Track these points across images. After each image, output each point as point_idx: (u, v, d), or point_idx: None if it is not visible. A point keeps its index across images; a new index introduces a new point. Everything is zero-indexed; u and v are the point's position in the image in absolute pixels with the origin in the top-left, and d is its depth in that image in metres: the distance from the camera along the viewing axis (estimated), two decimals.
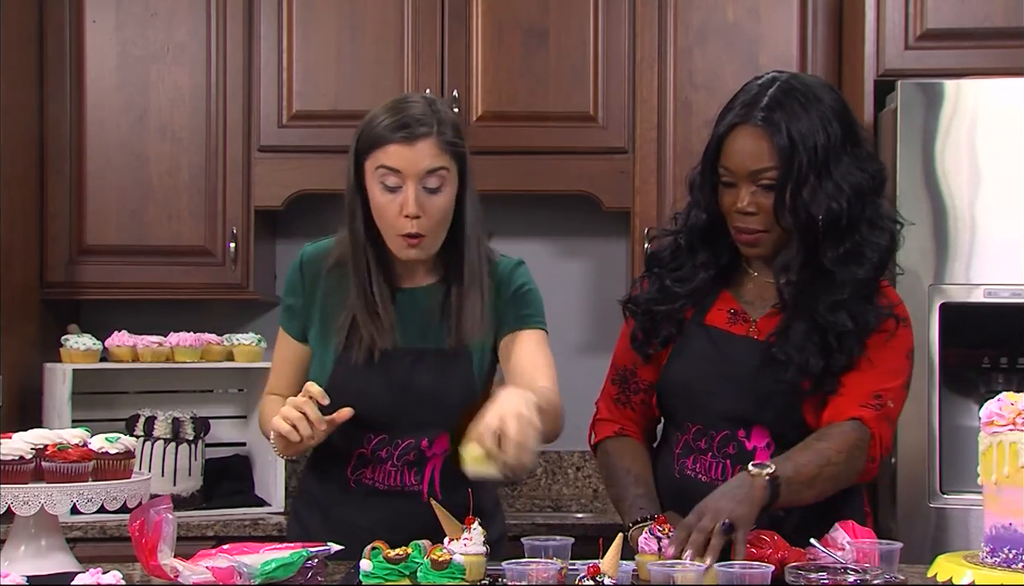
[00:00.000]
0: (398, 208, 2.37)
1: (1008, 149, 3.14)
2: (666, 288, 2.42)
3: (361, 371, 2.43)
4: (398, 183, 2.36)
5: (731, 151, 2.32)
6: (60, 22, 3.73)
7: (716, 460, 2.38)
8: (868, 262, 2.31)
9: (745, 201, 2.31)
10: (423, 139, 2.35)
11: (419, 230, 2.37)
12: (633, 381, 2.50)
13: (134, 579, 2.20)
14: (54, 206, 3.73)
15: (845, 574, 2.00)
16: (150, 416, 3.56)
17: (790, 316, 2.33)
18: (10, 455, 2.19)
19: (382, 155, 2.37)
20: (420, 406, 2.43)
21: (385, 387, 2.43)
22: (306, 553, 2.09)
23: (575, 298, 4.06)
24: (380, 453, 2.45)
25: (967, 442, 2.91)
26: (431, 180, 2.37)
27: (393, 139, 2.35)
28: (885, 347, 2.33)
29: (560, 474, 4.02)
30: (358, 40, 3.72)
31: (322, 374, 2.46)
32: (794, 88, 2.32)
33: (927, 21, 3.37)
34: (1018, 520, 1.93)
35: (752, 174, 2.30)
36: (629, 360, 2.50)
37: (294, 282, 2.53)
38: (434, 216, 2.38)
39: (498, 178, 3.72)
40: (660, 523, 2.13)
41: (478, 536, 2.07)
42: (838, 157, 2.29)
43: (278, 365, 2.58)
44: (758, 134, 2.29)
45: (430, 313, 2.47)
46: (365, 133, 2.40)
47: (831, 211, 2.27)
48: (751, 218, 2.32)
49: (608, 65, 3.71)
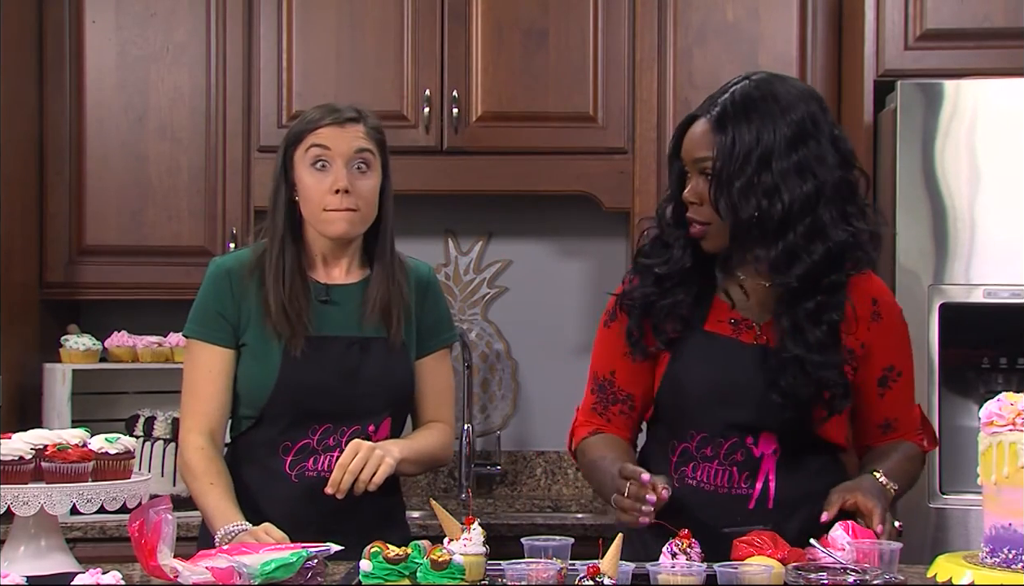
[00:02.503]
0: (328, 186, 2.50)
1: (1008, 149, 3.14)
2: (658, 277, 2.40)
3: (309, 363, 2.50)
4: (328, 161, 2.50)
5: (685, 141, 2.38)
6: (60, 22, 3.73)
7: (723, 467, 2.37)
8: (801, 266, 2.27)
9: (687, 188, 2.35)
10: (352, 123, 2.53)
11: (349, 205, 2.49)
12: (611, 390, 2.48)
13: (134, 579, 2.20)
14: (54, 206, 3.73)
15: (845, 574, 2.00)
16: (150, 416, 3.56)
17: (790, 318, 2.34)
18: (10, 455, 2.19)
19: (312, 137, 2.53)
20: (366, 392, 2.52)
21: (333, 376, 2.51)
22: (306, 553, 2.09)
23: (575, 298, 4.06)
24: (327, 441, 2.51)
25: (967, 442, 2.91)
26: (359, 160, 2.51)
27: (324, 122, 2.52)
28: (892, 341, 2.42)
29: (560, 474, 4.03)
30: (358, 40, 3.72)
31: (268, 369, 2.51)
32: (758, 89, 2.33)
33: (927, 21, 3.37)
34: (1018, 520, 1.93)
35: (695, 161, 2.34)
36: (607, 368, 2.48)
37: (221, 289, 2.57)
38: (363, 194, 2.52)
39: (498, 178, 3.73)
40: (681, 538, 2.10)
41: (478, 536, 2.07)
42: (783, 162, 2.27)
43: (201, 382, 2.55)
44: (706, 126, 2.33)
45: (364, 306, 2.56)
46: (295, 127, 2.57)
47: (761, 210, 2.26)
48: (697, 209, 2.34)
49: (608, 65, 3.71)
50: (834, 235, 2.28)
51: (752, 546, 2.12)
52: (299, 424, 2.51)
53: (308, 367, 2.50)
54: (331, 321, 2.55)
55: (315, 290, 2.56)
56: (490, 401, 4.06)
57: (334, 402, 2.51)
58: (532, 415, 4.06)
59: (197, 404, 2.55)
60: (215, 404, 2.54)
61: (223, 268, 2.58)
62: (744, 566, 2.05)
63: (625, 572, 2.06)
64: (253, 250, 2.60)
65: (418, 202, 3.93)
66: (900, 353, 2.45)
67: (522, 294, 4.07)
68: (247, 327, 2.54)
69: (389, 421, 2.57)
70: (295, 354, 2.50)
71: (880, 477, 2.33)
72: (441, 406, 2.67)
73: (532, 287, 4.07)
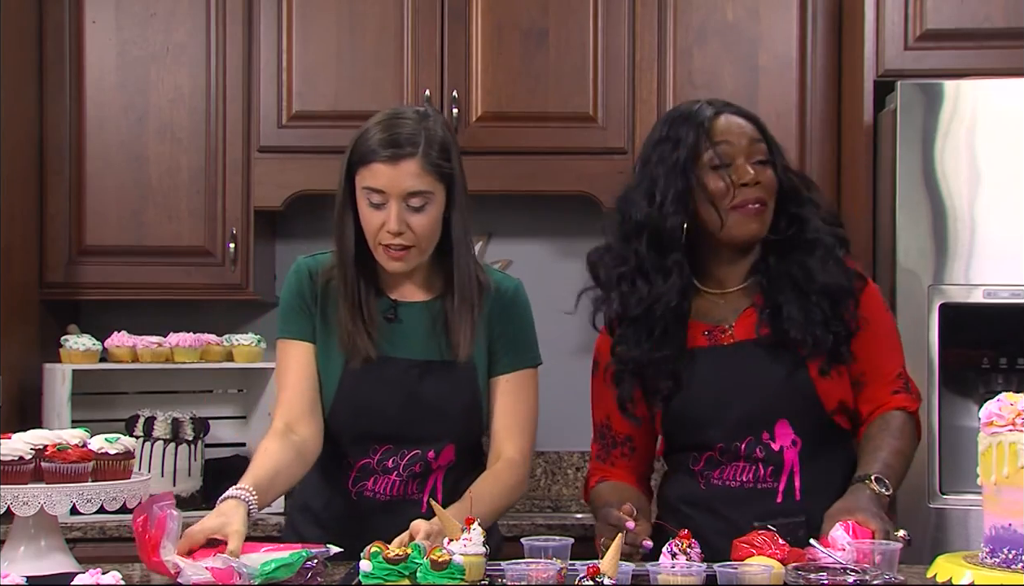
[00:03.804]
0: (381, 223, 2.41)
1: (1008, 149, 3.14)
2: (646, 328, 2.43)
3: (368, 382, 2.45)
4: (382, 201, 2.40)
5: (724, 130, 2.41)
6: (60, 22, 3.73)
7: (748, 465, 2.40)
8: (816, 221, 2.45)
9: (751, 171, 2.38)
10: (407, 160, 2.39)
11: (403, 243, 2.41)
12: (610, 436, 2.55)
13: (134, 579, 2.20)
14: (54, 206, 3.73)
15: (845, 574, 2.00)
16: (150, 416, 3.55)
17: (775, 300, 2.39)
18: (10, 455, 2.19)
19: (368, 174, 2.41)
20: (425, 417, 2.45)
21: (392, 398, 2.45)
22: (306, 553, 2.09)
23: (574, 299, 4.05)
24: (386, 463, 2.47)
25: (967, 443, 2.91)
26: (414, 200, 2.40)
27: (378, 158, 2.39)
28: (874, 307, 2.46)
29: (560, 474, 4.02)
30: (358, 40, 3.72)
31: (329, 385, 2.48)
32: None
33: (927, 21, 3.37)
34: (1018, 521, 1.94)
35: (750, 143, 2.40)
36: (603, 415, 2.55)
37: (303, 287, 2.52)
38: (419, 232, 2.42)
39: (498, 178, 3.72)
40: (681, 538, 2.10)
41: (478, 536, 2.07)
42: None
43: (287, 375, 2.50)
44: (738, 118, 2.43)
45: (433, 326, 2.49)
46: (356, 147, 2.44)
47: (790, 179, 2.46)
48: (754, 188, 2.39)
49: (608, 65, 3.71)
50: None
51: (752, 546, 2.12)
52: (359, 442, 2.46)
53: (366, 388, 2.45)
54: (395, 341, 2.48)
55: (382, 306, 2.50)
56: None
57: (392, 425, 2.45)
58: None
59: (282, 395, 2.48)
60: (296, 393, 2.46)
61: (304, 267, 2.53)
62: (744, 566, 2.05)
63: (625, 572, 2.06)
64: (333, 255, 2.52)
65: None
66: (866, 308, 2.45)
67: None
68: (317, 331, 2.50)
69: (452, 447, 2.48)
70: (355, 373, 2.45)
71: (871, 484, 2.28)
72: (510, 436, 2.50)
73: (532, 287, 4.04)
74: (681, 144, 2.40)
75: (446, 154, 2.44)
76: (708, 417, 2.41)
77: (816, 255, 2.41)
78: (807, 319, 2.37)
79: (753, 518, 2.33)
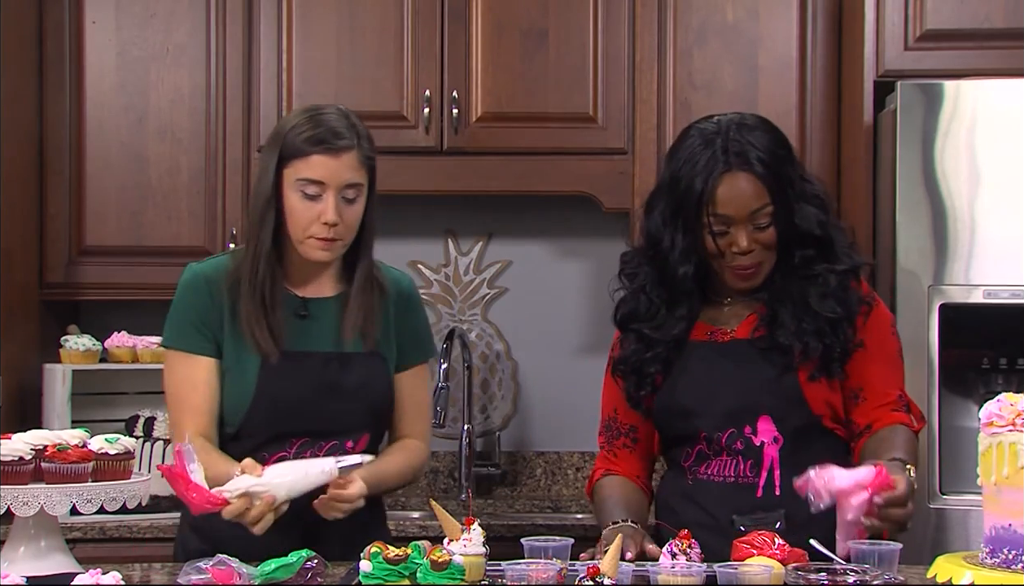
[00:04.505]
0: (316, 215, 2.43)
1: (1008, 150, 3.14)
2: (646, 337, 2.48)
3: (286, 378, 2.46)
4: (318, 192, 2.43)
5: (726, 198, 2.37)
6: (60, 23, 3.73)
7: (729, 458, 2.43)
8: (844, 255, 2.45)
9: (745, 242, 2.38)
10: (346, 152, 2.44)
11: (335, 235, 2.44)
12: (615, 426, 2.59)
13: (134, 580, 2.20)
14: (54, 207, 3.73)
15: (845, 575, 2.00)
16: (150, 417, 3.55)
17: (774, 309, 2.43)
18: (9, 456, 2.19)
19: (303, 166, 2.43)
20: (344, 407, 2.48)
21: (309, 391, 2.46)
22: (306, 553, 2.10)
23: (574, 299, 4.06)
24: (305, 455, 2.45)
25: (967, 443, 2.91)
26: (349, 192, 2.45)
27: (315, 151, 2.42)
28: (880, 332, 2.47)
29: (560, 475, 4.02)
30: (358, 40, 3.72)
31: (244, 384, 2.47)
32: (748, 125, 2.43)
33: (927, 22, 3.36)
34: (1018, 521, 1.94)
35: (752, 215, 2.38)
36: (611, 407, 2.60)
37: (200, 296, 2.51)
38: (349, 223, 2.46)
39: (497, 179, 3.72)
40: (681, 538, 2.11)
41: (478, 536, 2.07)
42: (796, 174, 2.45)
43: (186, 394, 2.48)
44: (751, 178, 2.38)
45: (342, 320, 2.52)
46: (286, 143, 2.45)
47: (820, 223, 2.43)
48: (749, 256, 2.40)
49: (608, 66, 3.71)
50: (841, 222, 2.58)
51: (752, 546, 2.12)
52: (277, 439, 2.46)
53: (285, 383, 2.45)
54: (308, 336, 2.51)
55: (292, 304, 2.51)
56: (490, 401, 4.06)
57: (312, 418, 2.47)
58: (532, 416, 4.06)
59: (185, 417, 2.47)
60: (203, 415, 2.46)
61: (201, 275, 2.52)
62: (744, 566, 2.05)
63: (625, 572, 2.06)
64: (232, 257, 2.54)
65: (418, 202, 3.93)
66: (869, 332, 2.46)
67: (522, 294, 4.06)
68: (223, 338, 2.49)
69: (368, 437, 2.52)
70: (272, 370, 2.46)
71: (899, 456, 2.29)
72: (417, 421, 2.63)
73: (532, 287, 4.07)
74: (689, 195, 2.39)
75: (373, 148, 2.52)
76: (693, 406, 2.44)
77: (815, 290, 2.42)
78: (799, 328, 2.41)
79: (732, 512, 2.38)
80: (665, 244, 2.44)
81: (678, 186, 2.41)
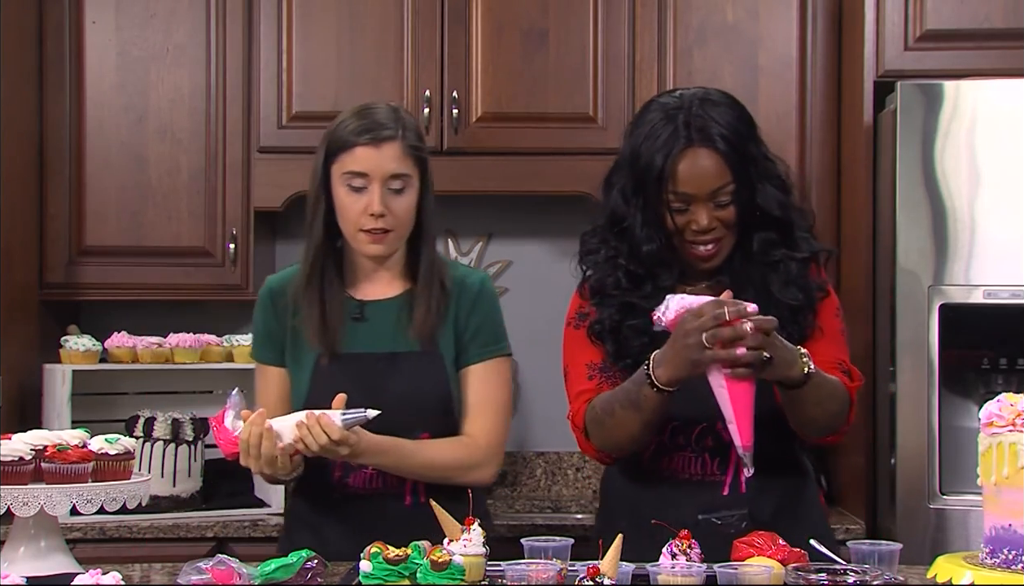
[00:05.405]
0: (363, 207, 2.45)
1: (1008, 150, 3.14)
2: (630, 305, 2.42)
3: (335, 380, 2.47)
4: (364, 185, 2.45)
5: (686, 176, 2.33)
6: (60, 23, 3.73)
7: (695, 455, 2.40)
8: (803, 241, 2.42)
9: (705, 220, 2.35)
10: (388, 142, 2.46)
11: (384, 226, 2.45)
12: (597, 371, 2.47)
13: (133, 580, 2.20)
14: (53, 207, 3.73)
15: (845, 575, 2.01)
16: (150, 417, 3.55)
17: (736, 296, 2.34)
18: (10, 456, 2.19)
19: (349, 159, 2.46)
20: (397, 407, 2.46)
21: (361, 393, 2.44)
22: (306, 553, 2.10)
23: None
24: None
25: (967, 443, 2.91)
26: (395, 182, 2.46)
27: (359, 142, 2.45)
28: (826, 314, 2.43)
29: (560, 475, 4.02)
30: (358, 41, 3.72)
31: (300, 384, 2.51)
32: (712, 101, 2.37)
33: (927, 22, 3.37)
34: (1018, 521, 1.94)
35: (713, 193, 2.34)
36: (591, 357, 2.48)
37: (266, 310, 2.58)
38: (398, 215, 2.47)
39: (497, 179, 3.72)
40: (681, 538, 2.10)
41: (478, 537, 2.07)
42: (759, 153, 2.40)
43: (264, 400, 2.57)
44: (714, 156, 2.33)
45: (398, 319, 2.53)
46: (332, 138, 2.49)
47: (780, 204, 2.39)
48: (709, 233, 2.36)
49: (608, 66, 3.71)
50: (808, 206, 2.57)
51: (752, 546, 2.12)
52: None
53: (334, 385, 2.44)
54: (362, 338, 2.52)
55: (348, 307, 2.53)
56: None
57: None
58: (532, 416, 4.06)
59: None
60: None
61: (267, 288, 2.60)
62: (744, 566, 2.05)
63: (625, 572, 2.06)
64: (301, 266, 2.56)
65: None
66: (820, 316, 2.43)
67: (522, 294, 4.06)
68: (286, 345, 2.55)
69: (428, 436, 2.50)
70: (323, 371, 2.49)
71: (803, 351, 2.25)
72: (476, 418, 2.55)
73: (532, 288, 4.06)
74: (649, 171, 2.34)
75: (420, 139, 2.53)
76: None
77: (776, 277, 2.39)
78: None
79: (697, 509, 2.35)
80: (628, 222, 2.40)
81: (638, 162, 2.36)
